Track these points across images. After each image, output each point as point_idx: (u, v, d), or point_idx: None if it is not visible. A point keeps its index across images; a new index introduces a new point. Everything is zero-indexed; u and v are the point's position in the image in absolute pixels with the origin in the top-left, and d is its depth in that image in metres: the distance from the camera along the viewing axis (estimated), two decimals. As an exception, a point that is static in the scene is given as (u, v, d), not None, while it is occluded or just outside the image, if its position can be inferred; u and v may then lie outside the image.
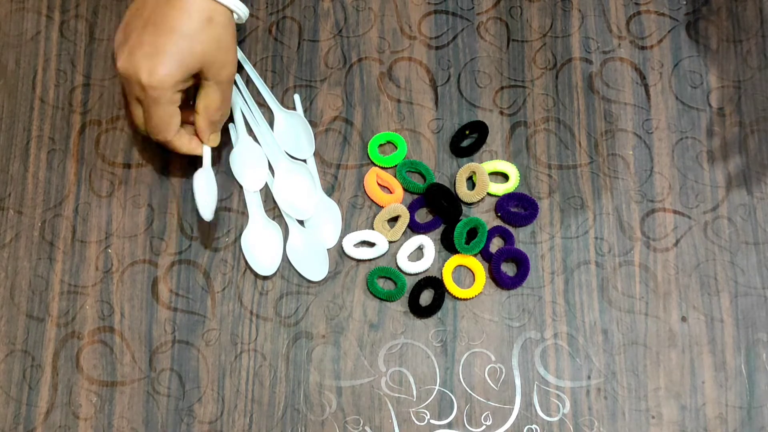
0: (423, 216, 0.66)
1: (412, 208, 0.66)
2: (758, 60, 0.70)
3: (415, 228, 0.65)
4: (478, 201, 0.66)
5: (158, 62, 0.56)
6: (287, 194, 0.65)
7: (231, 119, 0.68)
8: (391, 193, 0.66)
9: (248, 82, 0.69)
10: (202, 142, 0.63)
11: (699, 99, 0.69)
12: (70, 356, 0.63)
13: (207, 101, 0.60)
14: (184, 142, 0.62)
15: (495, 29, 0.70)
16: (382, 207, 0.66)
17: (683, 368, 0.63)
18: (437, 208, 0.65)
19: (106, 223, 0.66)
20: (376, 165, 0.67)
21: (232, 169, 0.66)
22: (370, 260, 0.65)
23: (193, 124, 0.62)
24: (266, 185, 0.66)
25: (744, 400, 0.62)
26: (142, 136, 0.67)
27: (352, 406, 0.62)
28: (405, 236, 0.65)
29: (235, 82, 0.69)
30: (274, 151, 0.66)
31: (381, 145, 0.67)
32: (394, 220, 0.66)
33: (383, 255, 0.65)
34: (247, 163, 0.66)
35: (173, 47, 0.56)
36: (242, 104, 0.68)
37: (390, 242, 0.65)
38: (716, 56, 0.70)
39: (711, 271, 0.65)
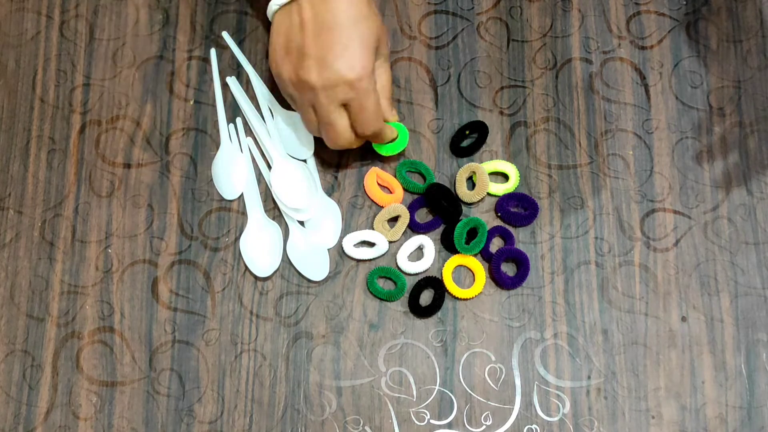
0: (423, 216, 0.66)
1: (412, 208, 0.66)
2: (758, 60, 0.70)
3: (415, 228, 0.65)
4: (478, 201, 0.66)
5: (352, 55, 0.57)
6: (287, 194, 0.65)
7: (231, 120, 0.68)
8: (391, 193, 0.66)
9: (248, 82, 0.69)
10: (388, 120, 0.64)
11: (699, 99, 0.69)
12: (70, 356, 0.63)
13: (383, 79, 0.62)
14: (387, 131, 0.63)
15: (495, 29, 0.70)
16: (382, 207, 0.66)
17: (683, 368, 0.63)
18: (437, 208, 0.65)
19: (106, 222, 0.66)
20: (379, 155, 0.66)
21: (213, 177, 0.66)
22: (370, 260, 0.65)
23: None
24: (266, 185, 0.66)
25: (744, 400, 0.62)
26: (143, 136, 0.67)
27: (352, 406, 0.62)
28: (405, 236, 0.65)
29: (236, 82, 0.69)
30: (275, 151, 0.66)
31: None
32: (394, 220, 0.66)
33: (383, 255, 0.65)
34: (225, 171, 0.66)
35: (356, 36, 0.57)
36: (243, 105, 0.68)
37: (390, 242, 0.65)
38: (716, 56, 0.70)
39: (711, 271, 0.65)
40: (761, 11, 0.71)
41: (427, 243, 0.65)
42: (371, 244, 0.65)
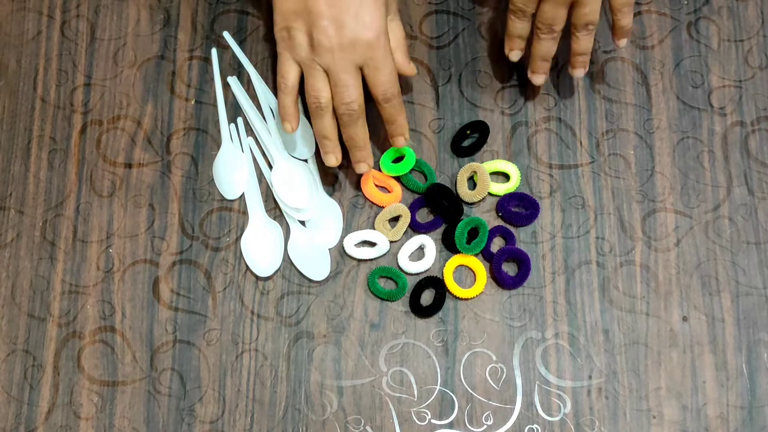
0: (424, 216, 0.66)
1: (413, 208, 0.66)
2: (759, 59, 0.70)
3: (416, 228, 0.65)
4: (479, 201, 0.66)
5: (367, 13, 0.57)
6: (288, 194, 0.65)
7: (232, 119, 0.68)
8: (389, 192, 0.66)
9: (249, 82, 0.69)
10: (406, 74, 0.64)
11: (700, 99, 0.69)
12: (71, 356, 0.63)
13: (396, 35, 0.62)
14: (399, 98, 0.61)
15: (496, 29, 0.70)
16: (383, 207, 0.65)
17: (684, 368, 0.63)
18: (438, 208, 0.65)
19: (107, 222, 0.66)
20: (383, 173, 0.66)
21: (214, 177, 0.66)
22: (371, 260, 0.65)
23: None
24: (267, 185, 0.66)
25: (745, 400, 0.62)
26: (144, 135, 0.67)
27: (353, 405, 0.62)
28: (406, 236, 0.65)
29: (236, 82, 0.69)
30: (276, 151, 0.66)
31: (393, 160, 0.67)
32: (395, 219, 0.66)
33: (384, 255, 0.65)
34: (226, 171, 0.66)
35: None
36: (244, 104, 0.68)
37: (391, 242, 0.65)
38: (717, 56, 0.70)
39: (712, 271, 0.65)
40: (762, 11, 0.71)
41: (428, 243, 0.65)
42: (372, 244, 0.65)
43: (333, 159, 0.62)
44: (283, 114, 0.62)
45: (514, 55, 0.64)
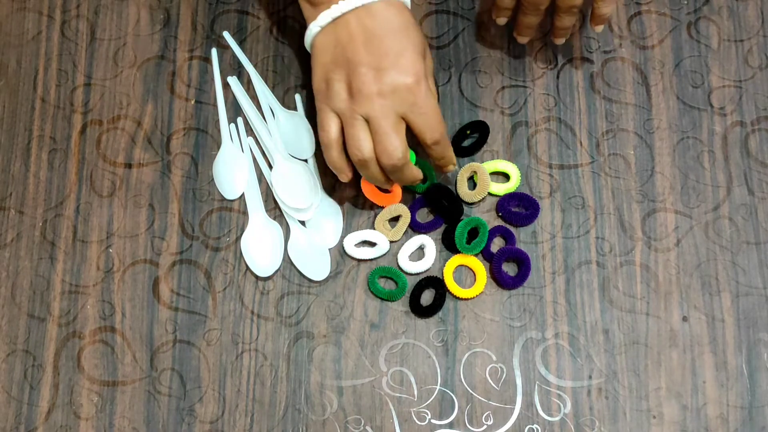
0: (424, 216, 0.66)
1: (413, 208, 0.66)
2: (759, 59, 0.70)
3: (416, 228, 0.65)
4: (479, 201, 0.66)
5: (408, 60, 0.57)
6: (288, 194, 0.65)
7: (232, 119, 0.68)
8: (389, 192, 0.66)
9: (249, 82, 0.69)
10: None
11: (700, 99, 0.69)
12: (71, 356, 0.63)
13: (429, 80, 0.60)
14: (447, 141, 0.61)
15: (496, 29, 0.70)
16: (383, 207, 0.65)
17: (684, 368, 0.63)
18: (438, 208, 0.65)
19: (107, 222, 0.66)
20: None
21: (214, 177, 0.66)
22: (371, 260, 0.65)
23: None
24: (267, 185, 0.66)
25: (745, 400, 0.62)
26: (144, 135, 0.67)
27: (353, 405, 0.62)
28: (406, 236, 0.65)
29: (237, 82, 0.69)
30: (276, 151, 0.66)
31: None
32: (395, 219, 0.66)
33: (384, 255, 0.65)
34: (226, 170, 0.66)
35: (408, 43, 0.57)
36: (244, 104, 0.68)
37: (391, 242, 0.65)
38: (717, 56, 0.70)
39: (712, 271, 0.65)
40: (762, 11, 0.71)
41: (428, 243, 0.65)
42: (372, 244, 0.65)
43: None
44: (333, 168, 0.61)
45: (501, 21, 0.66)
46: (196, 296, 0.64)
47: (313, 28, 0.59)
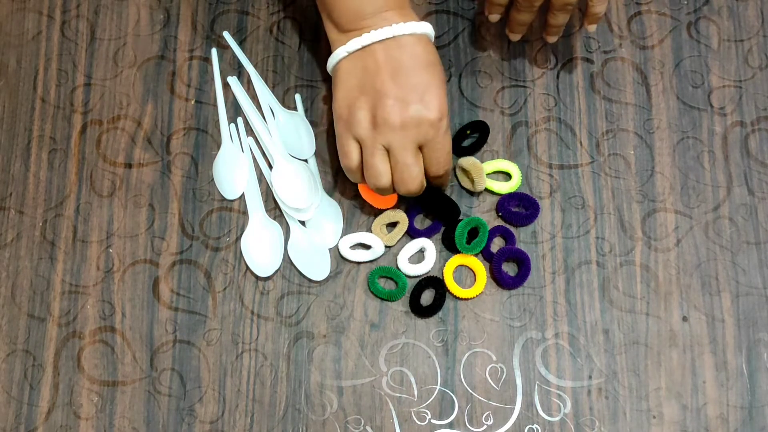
0: (422, 220, 0.66)
1: (411, 215, 0.65)
2: (759, 59, 0.70)
3: (414, 234, 0.65)
4: (483, 191, 0.66)
5: (433, 96, 0.58)
6: (288, 194, 0.65)
7: (232, 119, 0.68)
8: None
9: (249, 82, 0.69)
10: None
11: (700, 99, 0.69)
12: (71, 356, 0.63)
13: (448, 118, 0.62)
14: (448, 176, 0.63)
15: (496, 29, 0.70)
16: (382, 209, 0.65)
17: (684, 368, 0.63)
18: (434, 211, 0.65)
19: (107, 222, 0.66)
20: None
21: (214, 177, 0.66)
22: (365, 263, 0.65)
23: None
24: (267, 185, 0.66)
25: (745, 400, 0.62)
26: (144, 135, 0.67)
27: (353, 405, 0.62)
28: (405, 239, 0.65)
29: (237, 82, 0.69)
30: (276, 151, 0.66)
31: None
32: (392, 225, 0.66)
33: (378, 258, 0.65)
34: (226, 170, 0.66)
35: (434, 80, 0.58)
36: (244, 104, 0.68)
37: (386, 246, 0.65)
38: (717, 56, 0.70)
39: (712, 271, 0.65)
40: (762, 11, 0.71)
41: (428, 246, 0.65)
42: (367, 247, 0.65)
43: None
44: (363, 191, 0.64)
45: (494, 18, 0.66)
46: (196, 296, 0.64)
47: (340, 53, 0.60)
